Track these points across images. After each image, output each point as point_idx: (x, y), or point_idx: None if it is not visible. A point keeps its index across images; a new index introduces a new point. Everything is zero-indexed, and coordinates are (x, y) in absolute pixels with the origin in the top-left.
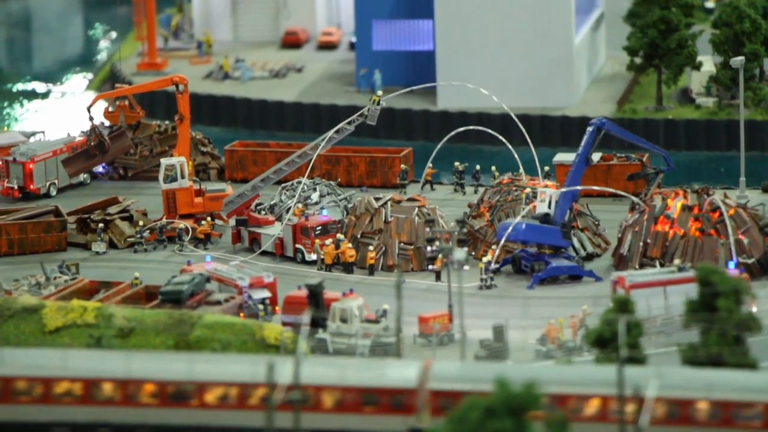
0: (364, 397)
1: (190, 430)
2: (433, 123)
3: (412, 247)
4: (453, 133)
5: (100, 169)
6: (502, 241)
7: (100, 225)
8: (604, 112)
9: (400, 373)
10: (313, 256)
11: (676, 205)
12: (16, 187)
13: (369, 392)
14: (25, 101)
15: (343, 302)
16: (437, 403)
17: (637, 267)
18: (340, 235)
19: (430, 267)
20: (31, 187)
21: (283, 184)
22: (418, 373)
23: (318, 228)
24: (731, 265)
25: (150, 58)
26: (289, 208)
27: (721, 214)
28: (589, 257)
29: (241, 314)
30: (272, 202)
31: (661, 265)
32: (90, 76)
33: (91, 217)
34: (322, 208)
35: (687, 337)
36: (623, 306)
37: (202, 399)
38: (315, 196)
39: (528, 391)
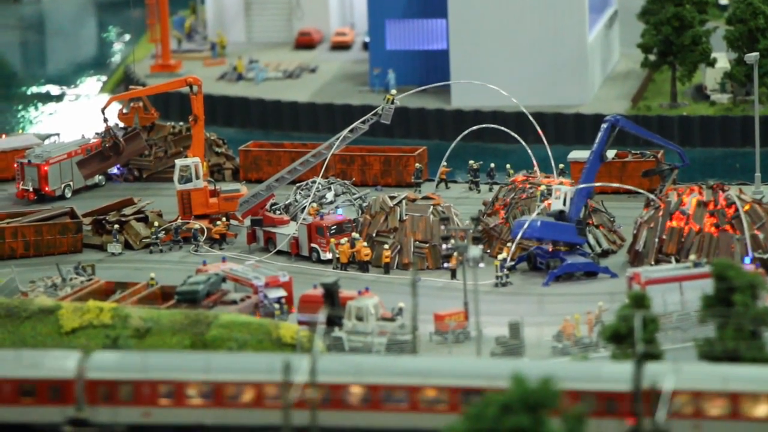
0: (21, 388)
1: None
2: (447, 122)
3: (427, 245)
4: (467, 131)
5: (114, 170)
6: (518, 239)
7: (116, 226)
8: (619, 109)
9: (57, 363)
10: (329, 255)
11: (691, 201)
12: (31, 189)
13: (26, 383)
14: (39, 104)
15: (359, 301)
16: (96, 393)
17: (652, 263)
18: (355, 234)
19: (446, 265)
20: (46, 189)
21: (297, 184)
22: (77, 364)
23: (333, 227)
24: (747, 260)
25: (164, 59)
26: (304, 207)
27: (737, 209)
28: (605, 254)
29: (257, 313)
30: (287, 202)
31: (677, 261)
32: (104, 78)
33: (107, 218)
34: (337, 208)
35: (703, 333)
36: (639, 302)
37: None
38: (330, 196)
39: (545, 388)
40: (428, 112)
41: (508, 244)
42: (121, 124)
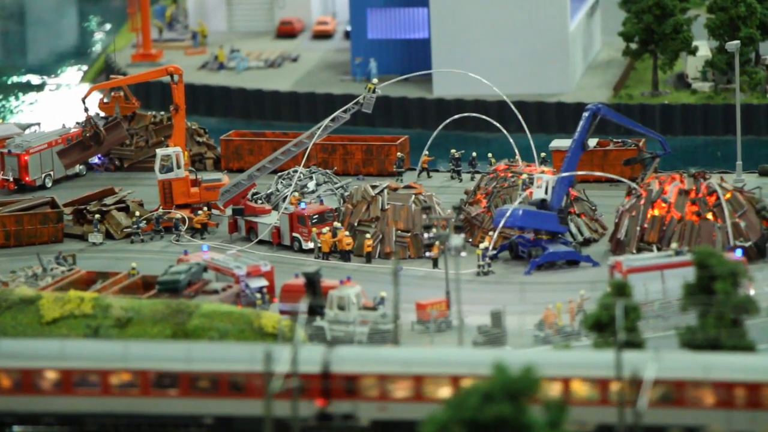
0: None
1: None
2: (429, 110)
3: (409, 234)
4: (449, 120)
5: (95, 160)
6: (499, 228)
7: (97, 216)
8: (600, 97)
9: None
10: (310, 245)
11: (672, 190)
12: (11, 179)
13: None
14: (20, 93)
15: (341, 290)
16: None
17: (634, 251)
18: (337, 224)
19: (428, 254)
20: (27, 178)
21: (279, 173)
22: None
23: (315, 216)
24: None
25: (145, 49)
26: (286, 197)
27: (718, 197)
28: (586, 242)
29: (239, 303)
30: (269, 191)
31: (659, 250)
32: (85, 67)
33: (88, 208)
34: (318, 197)
35: (685, 321)
36: (621, 290)
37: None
38: (311, 185)
39: (526, 376)
40: (410, 101)
41: (490, 233)
42: (102, 114)
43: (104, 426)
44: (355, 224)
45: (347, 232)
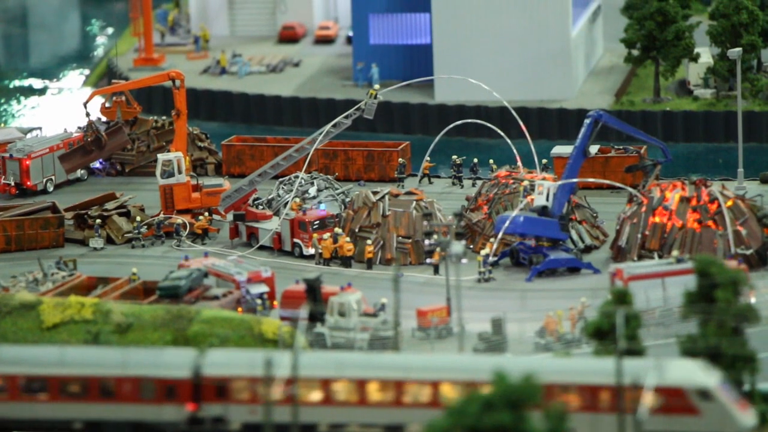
0: None
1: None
2: (430, 116)
3: (410, 240)
4: (450, 126)
5: (97, 164)
6: (500, 234)
7: (98, 221)
8: (602, 104)
9: None
10: (311, 251)
11: (674, 197)
12: (12, 183)
13: None
14: (21, 98)
15: (342, 296)
16: None
17: (635, 259)
18: (337, 229)
19: (429, 260)
20: (28, 183)
21: (280, 179)
22: None
23: (316, 222)
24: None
25: (147, 53)
26: (287, 202)
27: (720, 205)
28: (588, 249)
29: (239, 309)
30: (270, 197)
31: (660, 257)
32: (87, 72)
33: (89, 213)
34: (319, 203)
35: (685, 329)
36: (622, 298)
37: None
38: (312, 191)
39: (527, 385)
40: (412, 107)
41: (491, 240)
42: (104, 118)
43: None
44: (356, 230)
45: (348, 238)
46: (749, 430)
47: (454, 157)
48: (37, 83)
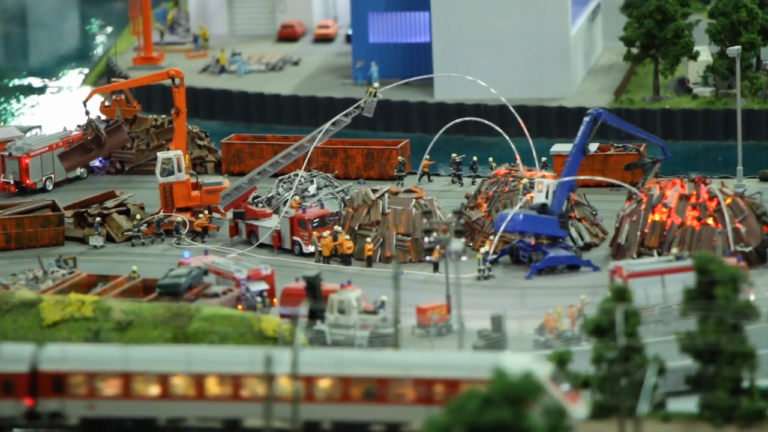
0: None
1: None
2: (429, 115)
3: (409, 238)
4: (450, 124)
5: (96, 163)
6: (500, 232)
7: (98, 219)
8: (601, 102)
9: None
10: (311, 248)
11: (673, 195)
12: (12, 182)
13: None
14: (21, 96)
15: (341, 294)
16: None
17: (634, 256)
18: (337, 227)
19: (428, 258)
20: (28, 181)
21: (280, 177)
22: None
23: (315, 220)
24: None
25: (146, 52)
26: (287, 200)
27: (719, 202)
28: (587, 247)
29: (239, 306)
30: (269, 195)
31: (659, 254)
32: (86, 70)
33: (88, 211)
34: (319, 200)
35: (685, 326)
36: (621, 295)
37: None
38: (312, 189)
39: (526, 381)
40: (411, 105)
41: (491, 238)
42: (103, 117)
43: None
44: (356, 228)
45: (348, 236)
46: (579, 422)
47: (454, 155)
48: (36, 82)
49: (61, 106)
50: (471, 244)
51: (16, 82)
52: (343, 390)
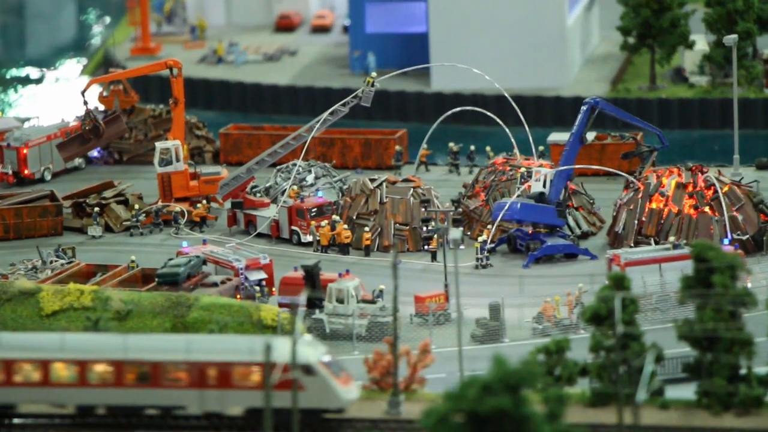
0: None
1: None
2: (427, 104)
3: (407, 227)
4: (447, 113)
5: (94, 153)
6: (498, 221)
7: (96, 209)
8: (598, 92)
9: None
10: (309, 238)
11: (670, 183)
12: (10, 172)
13: None
14: (19, 87)
15: (340, 283)
16: None
17: (632, 245)
18: (335, 217)
19: (426, 247)
20: (26, 172)
21: (278, 167)
22: None
23: (313, 210)
24: (725, 241)
25: (143, 42)
26: (285, 190)
27: (716, 191)
28: (584, 235)
29: (238, 296)
30: (267, 185)
31: (656, 243)
32: (84, 61)
33: (87, 201)
34: (317, 190)
35: (683, 314)
36: (619, 283)
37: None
38: (310, 178)
39: (526, 368)
40: (408, 95)
41: (489, 227)
42: (101, 107)
43: None
44: (354, 217)
45: (346, 226)
46: (349, 404)
47: (451, 144)
48: (34, 72)
49: (59, 97)
50: (469, 233)
51: (14, 72)
52: (117, 374)
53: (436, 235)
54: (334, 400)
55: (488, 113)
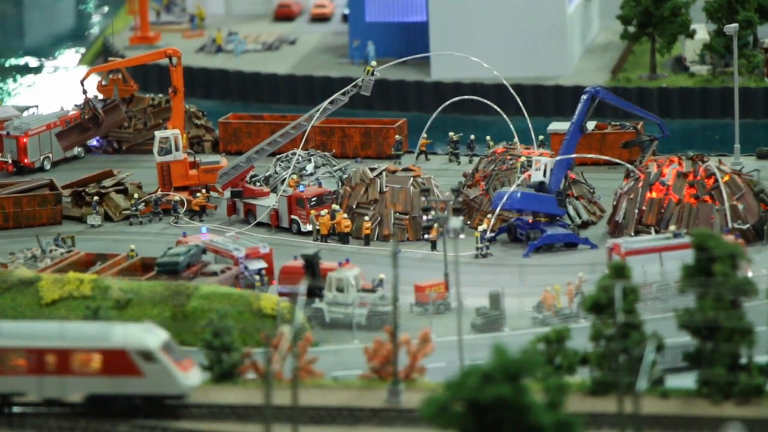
0: None
1: None
2: (426, 94)
3: (407, 216)
4: (447, 103)
5: (94, 142)
6: (498, 210)
7: (95, 198)
8: (598, 81)
9: None
10: (309, 227)
11: (670, 172)
12: (10, 161)
13: None
14: (18, 76)
15: (340, 272)
16: None
17: (632, 234)
18: (335, 206)
19: (426, 236)
20: (25, 161)
21: (277, 156)
22: None
23: (313, 199)
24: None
25: (142, 31)
26: (284, 179)
27: (716, 180)
28: (585, 225)
29: (238, 285)
30: (267, 174)
31: (657, 232)
32: (82, 50)
33: (86, 190)
34: (317, 179)
35: (683, 303)
36: (619, 272)
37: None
38: (310, 167)
39: (526, 357)
40: (408, 84)
41: (489, 216)
42: (101, 96)
43: None
44: (354, 207)
45: (345, 215)
46: (190, 390)
47: (451, 133)
48: (33, 62)
49: (58, 86)
50: (469, 222)
51: (13, 61)
52: None
53: (436, 225)
54: (174, 386)
55: (488, 102)
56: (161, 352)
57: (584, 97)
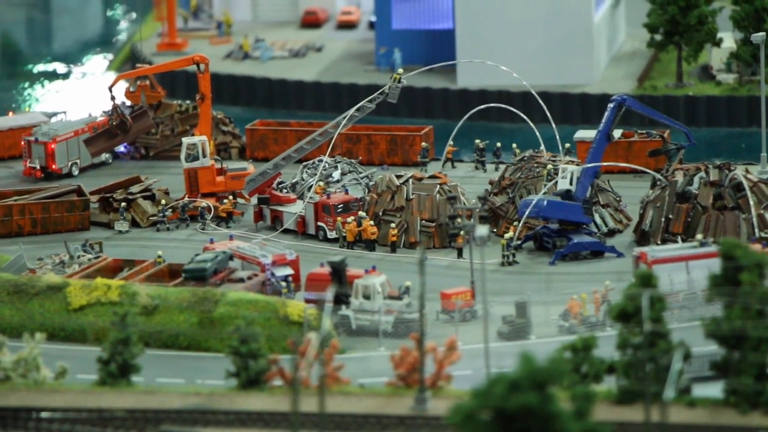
0: None
1: None
2: (452, 101)
3: (434, 224)
4: (474, 110)
5: (121, 148)
6: (524, 218)
7: (123, 204)
8: (625, 89)
9: None
10: (335, 234)
11: (698, 181)
12: (38, 167)
13: None
14: (46, 82)
15: (366, 279)
16: None
17: (659, 242)
18: (361, 213)
19: (452, 244)
20: (53, 167)
21: (304, 163)
22: None
23: (340, 206)
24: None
25: (170, 38)
26: (311, 186)
27: (743, 189)
28: (611, 233)
29: (264, 291)
30: (294, 181)
31: (683, 241)
32: (110, 56)
33: (114, 196)
34: (343, 186)
35: (710, 312)
36: (646, 281)
37: None
38: (336, 174)
39: (553, 366)
40: (434, 92)
41: (515, 223)
42: (128, 103)
43: None
44: (380, 214)
45: (372, 222)
46: None
47: (477, 141)
48: (61, 68)
49: (86, 92)
50: (495, 229)
51: (41, 67)
52: None
53: (462, 232)
54: None
55: (514, 110)
56: None
57: (611, 105)
